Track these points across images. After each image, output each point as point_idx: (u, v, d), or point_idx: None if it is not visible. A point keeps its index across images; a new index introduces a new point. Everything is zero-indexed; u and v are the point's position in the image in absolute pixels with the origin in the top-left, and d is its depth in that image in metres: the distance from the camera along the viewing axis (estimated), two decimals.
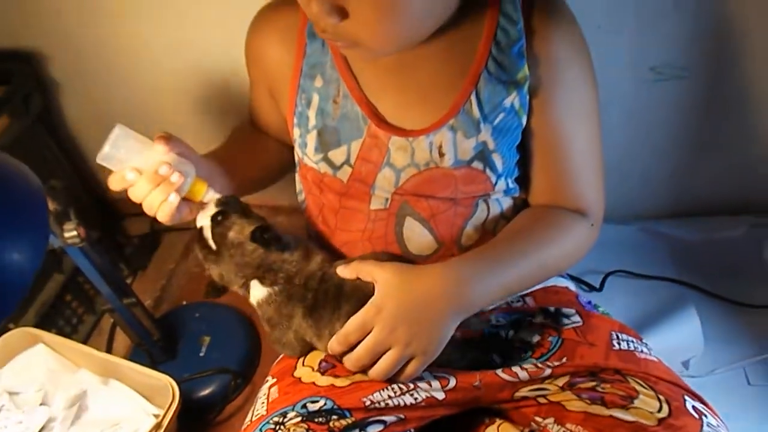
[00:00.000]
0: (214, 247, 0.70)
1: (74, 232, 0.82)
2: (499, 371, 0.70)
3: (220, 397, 1.07)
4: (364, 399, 0.68)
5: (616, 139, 1.14)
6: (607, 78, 0.83)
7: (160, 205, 0.64)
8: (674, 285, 1.12)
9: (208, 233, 0.70)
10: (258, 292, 0.72)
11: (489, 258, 0.70)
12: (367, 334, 0.66)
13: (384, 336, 0.65)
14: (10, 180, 0.51)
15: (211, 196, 0.69)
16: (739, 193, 1.22)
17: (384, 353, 0.66)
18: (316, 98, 0.73)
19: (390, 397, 0.68)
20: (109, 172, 0.66)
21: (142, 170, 0.64)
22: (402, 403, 0.69)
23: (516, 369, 0.70)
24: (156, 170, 0.63)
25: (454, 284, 0.67)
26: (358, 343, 0.67)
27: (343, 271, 0.70)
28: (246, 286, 0.72)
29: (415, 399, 0.69)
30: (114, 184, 0.65)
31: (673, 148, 1.17)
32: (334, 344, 0.68)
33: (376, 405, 0.68)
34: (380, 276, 0.67)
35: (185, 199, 0.67)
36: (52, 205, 0.78)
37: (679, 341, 1.00)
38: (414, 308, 0.66)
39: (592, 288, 1.14)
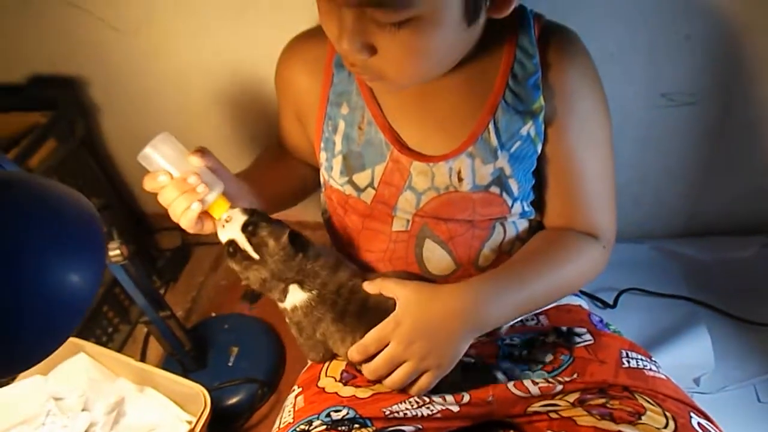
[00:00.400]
0: (256, 256, 0.69)
1: (118, 251, 0.85)
2: (511, 387, 0.72)
3: (247, 405, 1.10)
4: (385, 409, 0.71)
5: (630, 161, 1.14)
6: (620, 103, 0.83)
7: (183, 212, 0.66)
8: (686, 303, 1.12)
9: (244, 243, 0.69)
10: (297, 296, 0.72)
11: (505, 278, 0.72)
12: (386, 347, 0.69)
13: (401, 350, 0.68)
14: (68, 208, 0.54)
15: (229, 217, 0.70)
16: (750, 214, 1.21)
17: (400, 365, 0.69)
18: (342, 124, 0.75)
19: (408, 409, 0.71)
20: (146, 173, 0.68)
21: (174, 176, 0.67)
22: (420, 414, 0.71)
23: (528, 385, 0.72)
24: (185, 178, 0.66)
25: (470, 303, 0.69)
26: (377, 353, 0.69)
27: (368, 287, 0.72)
28: (285, 291, 0.72)
29: (432, 411, 0.72)
30: (147, 183, 0.67)
31: (684, 171, 1.17)
32: (354, 353, 0.70)
33: (396, 415, 0.71)
34: (401, 293, 0.70)
35: (206, 213, 0.69)
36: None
37: (690, 358, 1.00)
38: (430, 325, 0.68)
39: (606, 305, 1.13)
